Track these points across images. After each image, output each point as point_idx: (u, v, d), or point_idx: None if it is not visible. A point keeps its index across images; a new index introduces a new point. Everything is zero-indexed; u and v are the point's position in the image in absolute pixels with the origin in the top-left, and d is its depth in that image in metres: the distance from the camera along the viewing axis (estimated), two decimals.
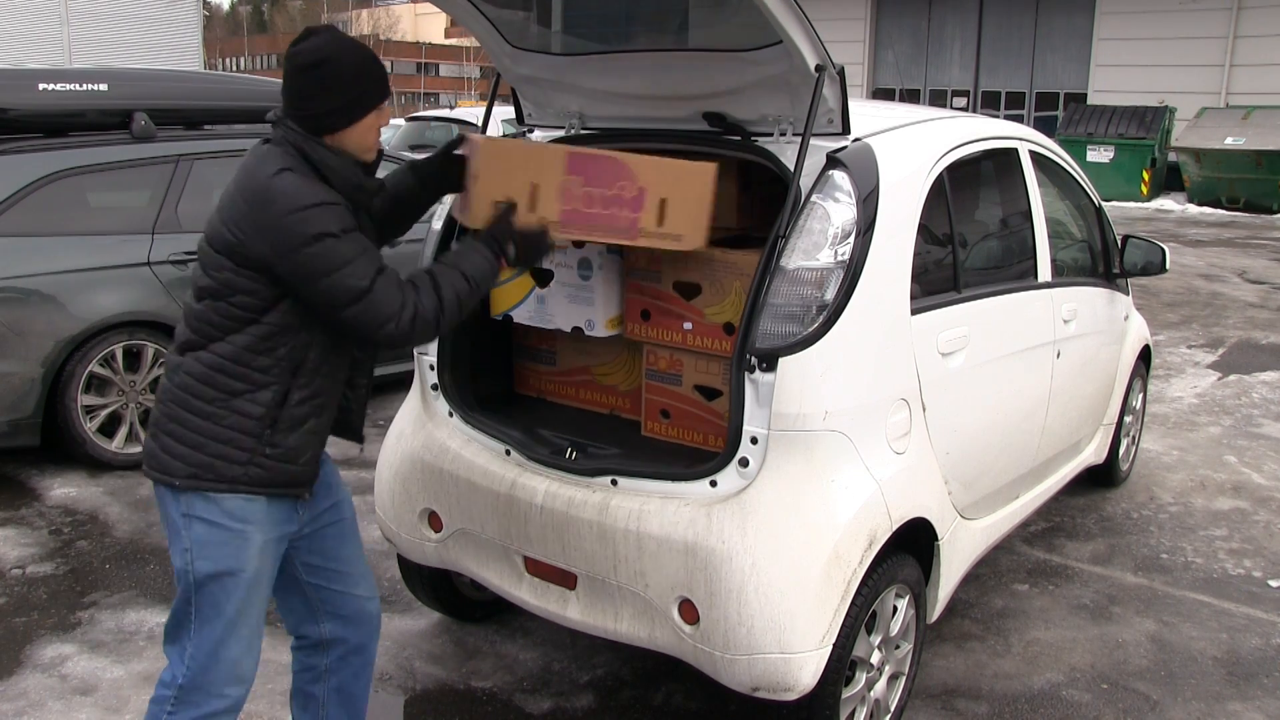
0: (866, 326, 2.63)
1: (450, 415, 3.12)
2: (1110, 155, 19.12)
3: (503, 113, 5.73)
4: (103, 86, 5.06)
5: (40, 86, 4.90)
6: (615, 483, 2.72)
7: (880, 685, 2.88)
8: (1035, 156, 3.83)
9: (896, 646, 2.92)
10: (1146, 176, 19.06)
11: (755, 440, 2.54)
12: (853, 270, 2.58)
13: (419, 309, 2.16)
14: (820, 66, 2.57)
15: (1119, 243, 4.58)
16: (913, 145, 3.04)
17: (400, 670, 3.36)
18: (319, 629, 2.51)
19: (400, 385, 4.17)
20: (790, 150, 2.69)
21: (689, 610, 2.57)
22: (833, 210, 2.60)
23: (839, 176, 2.63)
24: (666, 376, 3.03)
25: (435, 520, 3.07)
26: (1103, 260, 4.48)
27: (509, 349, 3.49)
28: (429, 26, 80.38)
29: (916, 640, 3.01)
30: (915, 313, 2.84)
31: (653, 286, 2.97)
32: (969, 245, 3.40)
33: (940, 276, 3.11)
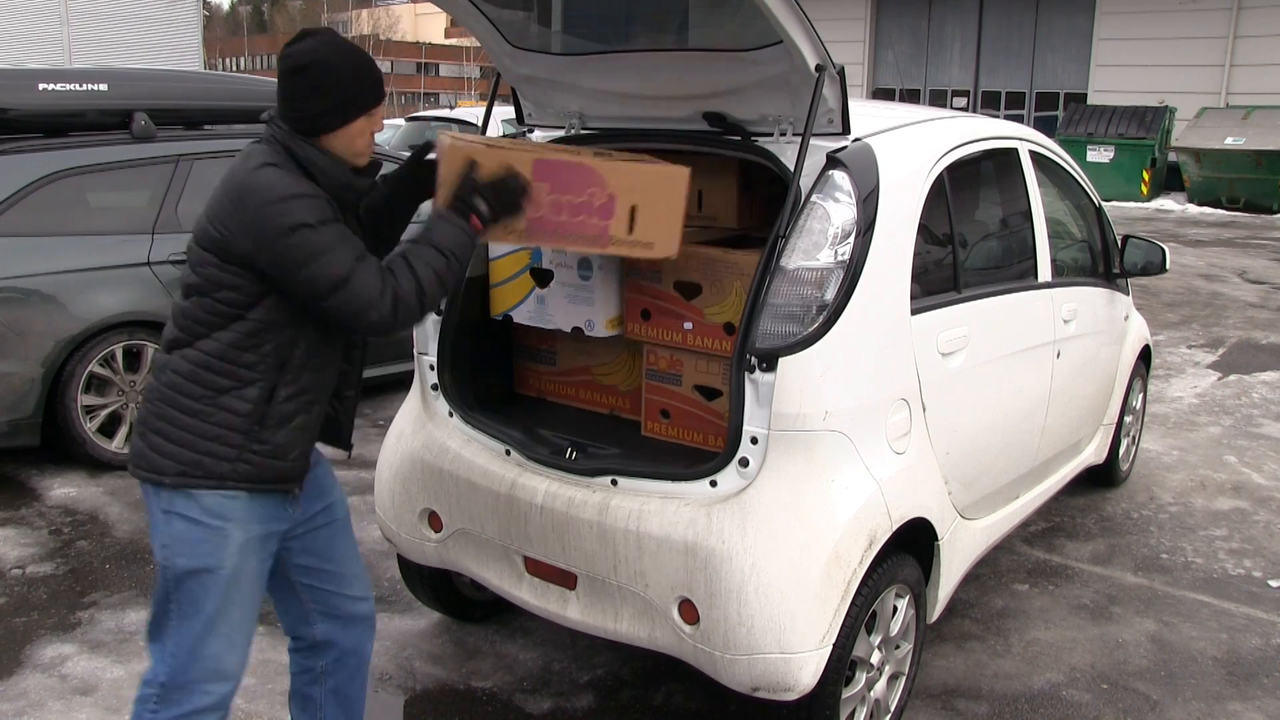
0: (866, 326, 2.63)
1: (450, 415, 3.12)
2: (1110, 155, 19.12)
3: (503, 113, 5.72)
4: (103, 86, 5.06)
5: (40, 86, 4.89)
6: (615, 483, 2.72)
7: (880, 685, 2.88)
8: (1035, 156, 3.83)
9: (896, 646, 2.92)
10: (1146, 176, 19.07)
11: (755, 440, 2.54)
12: (853, 270, 2.58)
13: (398, 293, 2.12)
14: (820, 66, 2.57)
15: (1119, 243, 4.58)
16: (913, 145, 3.04)
17: (400, 670, 3.37)
18: (313, 630, 2.50)
19: (400, 385, 4.17)
20: (790, 150, 2.69)
21: (689, 610, 2.57)
22: (833, 210, 2.60)
23: (839, 176, 2.63)
24: (666, 376, 3.03)
25: (435, 520, 3.08)
26: (1103, 260, 4.48)
27: (509, 349, 3.49)
28: (429, 26, 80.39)
29: (916, 640, 3.01)
30: (915, 313, 2.84)
31: (653, 286, 2.97)
32: (969, 245, 3.40)
33: (940, 276, 3.11)
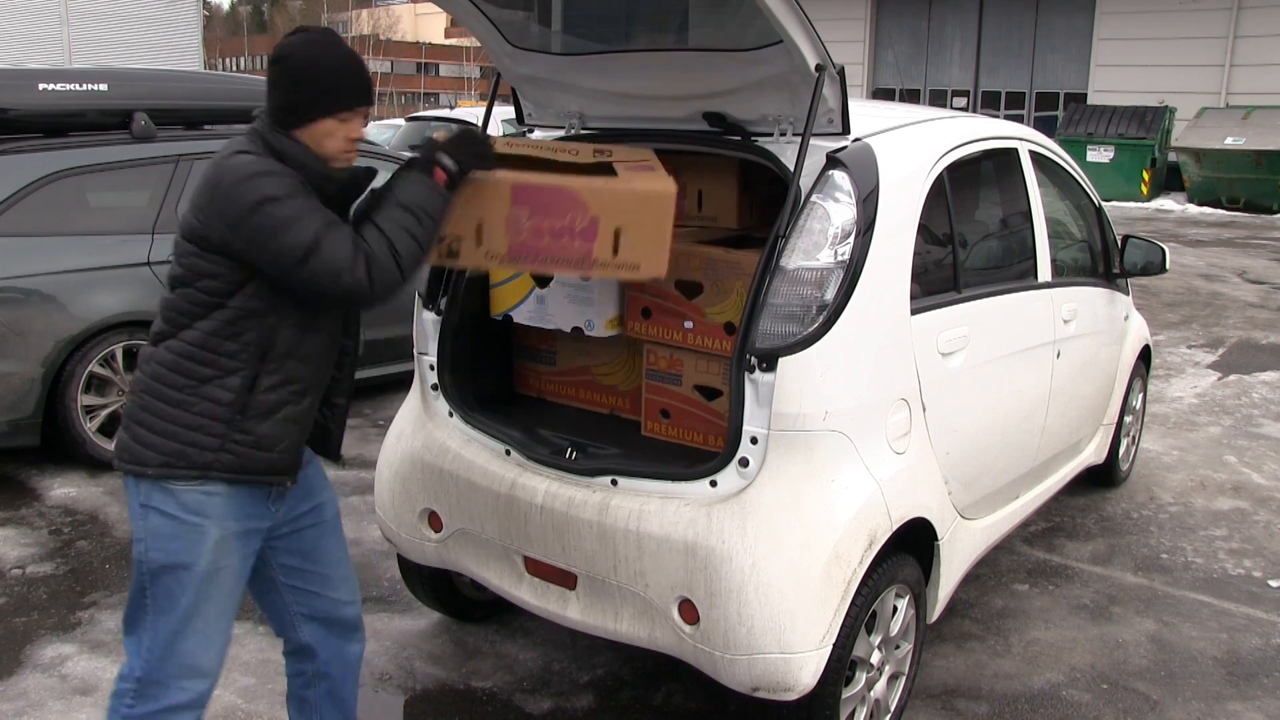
0: (866, 326, 2.63)
1: (450, 415, 3.12)
2: (1110, 155, 19.12)
3: (503, 113, 5.73)
4: (103, 86, 5.06)
5: (40, 86, 4.89)
6: (615, 483, 2.72)
7: (880, 685, 2.88)
8: (1035, 156, 3.83)
9: (896, 646, 2.92)
10: (1146, 176, 19.07)
11: (755, 440, 2.54)
12: (853, 270, 2.58)
13: (370, 254, 2.10)
14: (820, 66, 2.57)
15: (1119, 243, 4.58)
16: (913, 145, 3.04)
17: (400, 670, 3.37)
18: (299, 633, 2.49)
19: (400, 385, 4.17)
20: (790, 150, 2.69)
21: (689, 610, 2.57)
22: (833, 210, 2.60)
23: (839, 176, 2.63)
24: (666, 376, 3.03)
25: (435, 520, 3.07)
26: (1103, 260, 4.48)
27: (509, 349, 3.49)
28: (429, 26, 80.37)
29: (916, 640, 3.01)
30: (915, 313, 2.84)
31: (654, 284, 2.96)
32: (969, 245, 3.40)
33: (940, 276, 3.11)
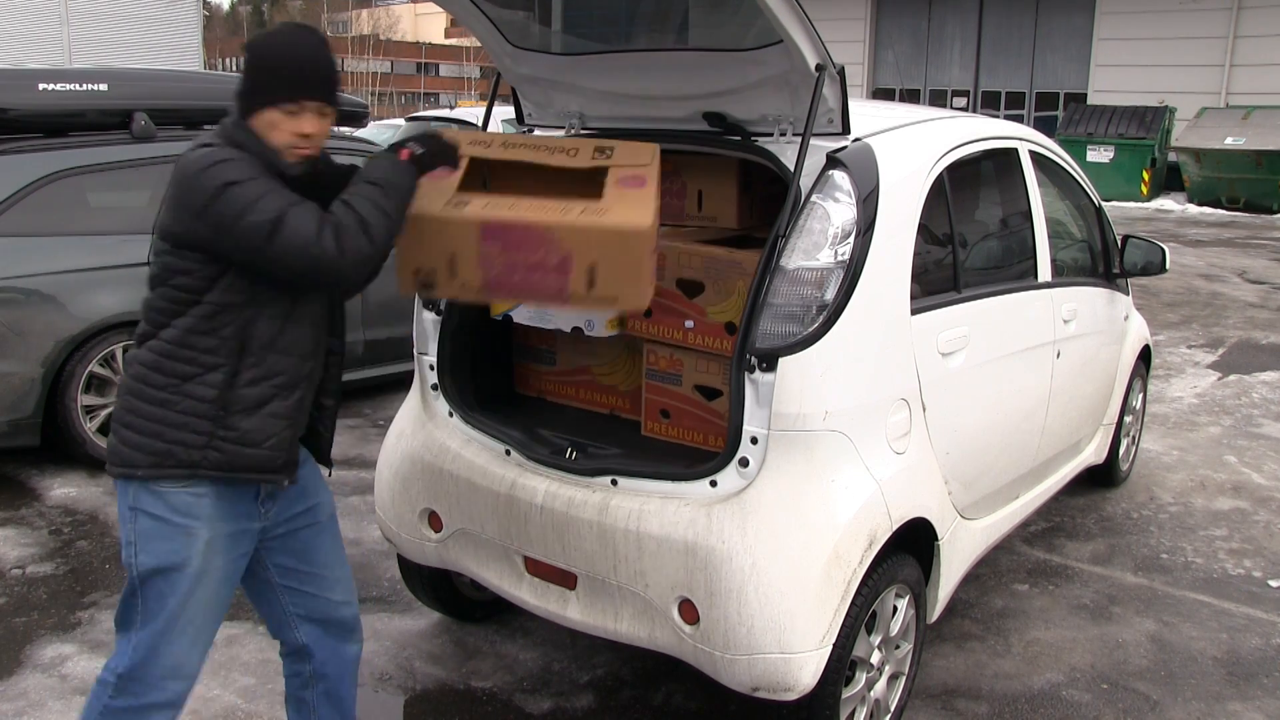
0: (866, 326, 2.63)
1: (450, 415, 3.12)
2: (1110, 155, 19.13)
3: (503, 112, 5.73)
4: (103, 86, 5.06)
5: (40, 86, 4.89)
6: (615, 483, 2.72)
7: (880, 685, 2.88)
8: (1035, 156, 3.83)
9: (896, 646, 2.92)
10: (1146, 176, 19.07)
11: (755, 440, 2.54)
12: (853, 270, 2.58)
13: (338, 223, 2.08)
14: (820, 66, 2.57)
15: (1119, 243, 4.58)
16: (913, 145, 3.04)
17: (400, 670, 3.36)
18: (295, 635, 2.48)
19: (400, 385, 4.17)
20: (790, 150, 2.69)
21: (689, 610, 2.57)
22: (833, 210, 2.60)
23: (839, 176, 2.63)
24: (666, 376, 3.03)
25: (435, 520, 3.07)
26: (1103, 260, 4.48)
27: (509, 349, 3.48)
28: (429, 26, 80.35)
29: (916, 640, 3.01)
30: (915, 313, 2.84)
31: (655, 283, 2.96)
32: (969, 245, 3.40)
33: (940, 276, 3.11)
